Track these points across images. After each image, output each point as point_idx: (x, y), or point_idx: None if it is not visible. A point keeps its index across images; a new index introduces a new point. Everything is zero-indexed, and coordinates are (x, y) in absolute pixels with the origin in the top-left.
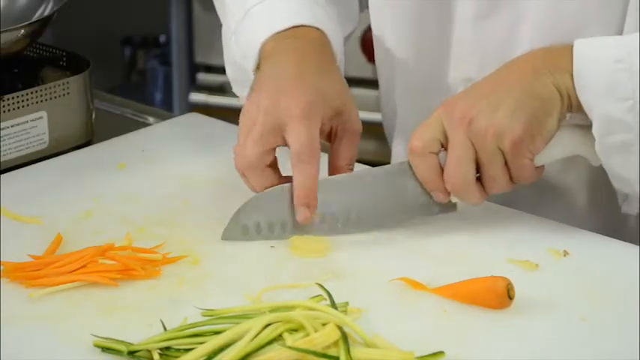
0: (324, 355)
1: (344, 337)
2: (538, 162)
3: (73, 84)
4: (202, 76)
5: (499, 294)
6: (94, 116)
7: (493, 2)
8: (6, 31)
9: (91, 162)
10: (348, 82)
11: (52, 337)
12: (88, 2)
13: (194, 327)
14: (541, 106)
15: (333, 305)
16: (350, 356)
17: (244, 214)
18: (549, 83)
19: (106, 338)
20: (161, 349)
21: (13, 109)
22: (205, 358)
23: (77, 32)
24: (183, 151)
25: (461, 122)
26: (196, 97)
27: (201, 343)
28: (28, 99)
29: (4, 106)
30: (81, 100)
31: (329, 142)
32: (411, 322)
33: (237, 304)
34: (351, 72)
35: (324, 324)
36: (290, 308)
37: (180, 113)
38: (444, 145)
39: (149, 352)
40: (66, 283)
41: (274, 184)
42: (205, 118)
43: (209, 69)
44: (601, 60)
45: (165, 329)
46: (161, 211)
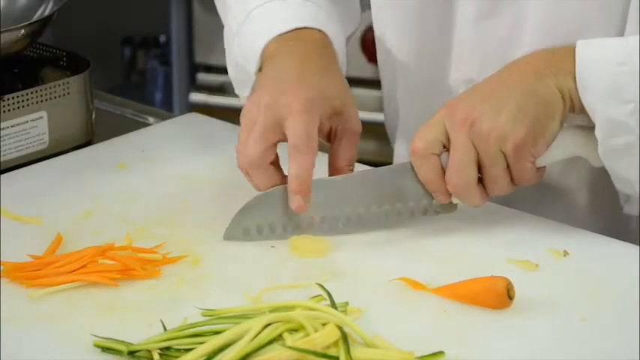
0: (324, 355)
1: (344, 337)
2: (539, 163)
3: (73, 84)
4: (202, 76)
5: (499, 294)
6: (94, 116)
7: (494, 3)
8: (6, 31)
9: (91, 162)
10: (349, 82)
11: (52, 337)
12: (88, 2)
13: (194, 327)
14: (543, 109)
15: (333, 305)
16: (350, 356)
17: (246, 215)
18: (552, 85)
19: (106, 338)
20: (161, 349)
21: (13, 109)
22: (205, 358)
23: (77, 32)
24: (183, 151)
25: (463, 124)
26: (196, 97)
27: (201, 343)
28: (28, 99)
29: (4, 106)
30: (81, 100)
31: (328, 142)
32: (411, 322)
33: (237, 304)
34: (351, 72)
35: (324, 324)
36: (290, 308)
37: (180, 113)
38: (445, 146)
39: (149, 352)
40: (66, 283)
41: (277, 182)
42: (205, 118)
43: (209, 69)
44: (603, 62)
45: (165, 329)
46: (161, 211)
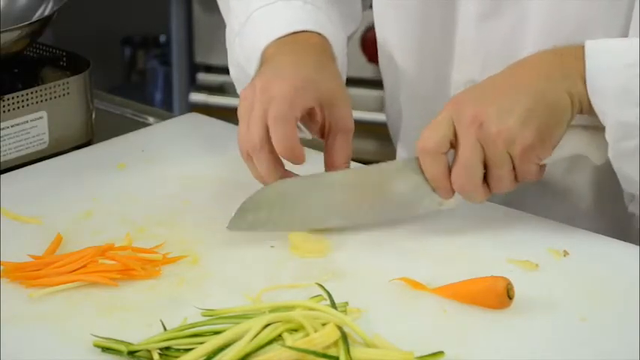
0: (324, 355)
1: (344, 337)
2: (542, 161)
3: (73, 84)
4: (202, 76)
5: (499, 294)
6: (94, 116)
7: (496, 3)
8: (6, 31)
9: (91, 162)
10: (348, 82)
11: (52, 337)
12: (88, 2)
13: (194, 327)
14: (552, 113)
15: (333, 305)
16: (350, 356)
17: (251, 206)
18: (562, 90)
19: (106, 338)
20: (161, 349)
21: (13, 109)
22: (205, 358)
23: (77, 32)
24: (183, 151)
25: (471, 124)
26: (196, 97)
27: (201, 343)
28: (28, 99)
29: (4, 106)
30: (81, 100)
31: (322, 139)
32: (411, 322)
33: (237, 304)
34: (351, 72)
35: (324, 324)
36: (290, 308)
37: (180, 113)
38: (452, 143)
39: (149, 352)
40: (66, 283)
41: (279, 170)
42: (205, 118)
43: (209, 69)
44: (613, 66)
45: (165, 329)
46: (161, 211)
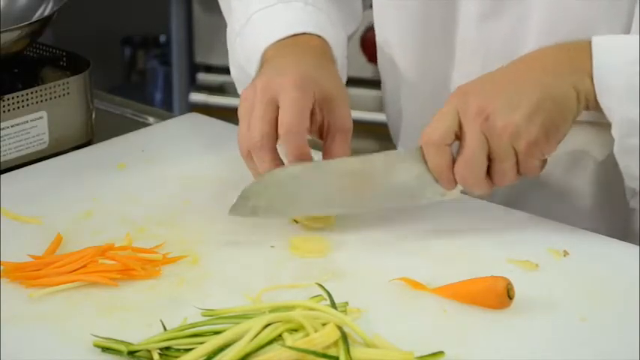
0: (324, 355)
1: (344, 337)
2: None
3: (73, 84)
4: (202, 76)
5: (499, 294)
6: (94, 116)
7: (497, 2)
8: (6, 31)
9: (91, 162)
10: (348, 81)
11: (52, 337)
12: (88, 2)
13: (194, 327)
14: (558, 110)
15: (333, 305)
16: (350, 356)
17: (252, 193)
18: (569, 86)
19: (106, 338)
20: (161, 349)
21: (13, 109)
22: (205, 358)
23: (77, 32)
24: (183, 151)
25: (477, 117)
26: (196, 97)
27: (201, 343)
28: (28, 99)
29: (4, 106)
30: (81, 100)
31: (321, 139)
32: (411, 322)
33: (237, 304)
34: (351, 72)
35: (324, 324)
36: (290, 308)
37: (180, 113)
38: (457, 135)
39: (149, 352)
40: (66, 283)
41: (280, 166)
42: (205, 118)
43: (209, 69)
44: (621, 63)
45: (165, 329)
46: (161, 211)
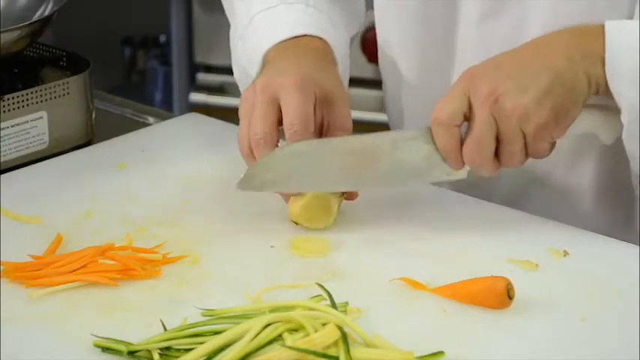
0: (324, 355)
1: (344, 337)
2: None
3: (73, 84)
4: (202, 76)
5: (499, 294)
6: (94, 116)
7: (498, 3)
8: (6, 31)
9: (91, 162)
10: (349, 81)
11: (52, 337)
12: (88, 2)
13: (194, 327)
14: (569, 94)
15: (333, 305)
16: (350, 356)
17: (261, 167)
18: (580, 71)
19: (106, 338)
20: (161, 349)
21: (13, 109)
22: (205, 358)
23: (77, 32)
24: (183, 151)
25: (487, 99)
26: (196, 97)
27: (201, 343)
28: (28, 99)
29: (4, 106)
30: (81, 100)
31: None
32: (411, 322)
33: (237, 304)
34: (351, 72)
35: (324, 324)
36: (290, 308)
37: (180, 113)
38: (466, 116)
39: (149, 352)
40: (66, 283)
41: None
42: (205, 118)
43: (209, 69)
44: (632, 48)
45: (165, 329)
46: (161, 211)
